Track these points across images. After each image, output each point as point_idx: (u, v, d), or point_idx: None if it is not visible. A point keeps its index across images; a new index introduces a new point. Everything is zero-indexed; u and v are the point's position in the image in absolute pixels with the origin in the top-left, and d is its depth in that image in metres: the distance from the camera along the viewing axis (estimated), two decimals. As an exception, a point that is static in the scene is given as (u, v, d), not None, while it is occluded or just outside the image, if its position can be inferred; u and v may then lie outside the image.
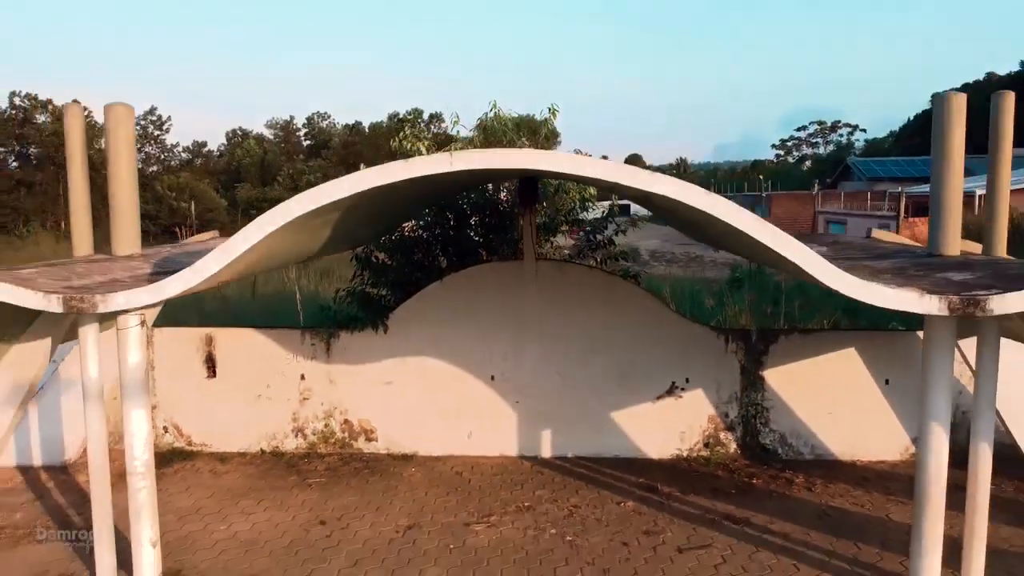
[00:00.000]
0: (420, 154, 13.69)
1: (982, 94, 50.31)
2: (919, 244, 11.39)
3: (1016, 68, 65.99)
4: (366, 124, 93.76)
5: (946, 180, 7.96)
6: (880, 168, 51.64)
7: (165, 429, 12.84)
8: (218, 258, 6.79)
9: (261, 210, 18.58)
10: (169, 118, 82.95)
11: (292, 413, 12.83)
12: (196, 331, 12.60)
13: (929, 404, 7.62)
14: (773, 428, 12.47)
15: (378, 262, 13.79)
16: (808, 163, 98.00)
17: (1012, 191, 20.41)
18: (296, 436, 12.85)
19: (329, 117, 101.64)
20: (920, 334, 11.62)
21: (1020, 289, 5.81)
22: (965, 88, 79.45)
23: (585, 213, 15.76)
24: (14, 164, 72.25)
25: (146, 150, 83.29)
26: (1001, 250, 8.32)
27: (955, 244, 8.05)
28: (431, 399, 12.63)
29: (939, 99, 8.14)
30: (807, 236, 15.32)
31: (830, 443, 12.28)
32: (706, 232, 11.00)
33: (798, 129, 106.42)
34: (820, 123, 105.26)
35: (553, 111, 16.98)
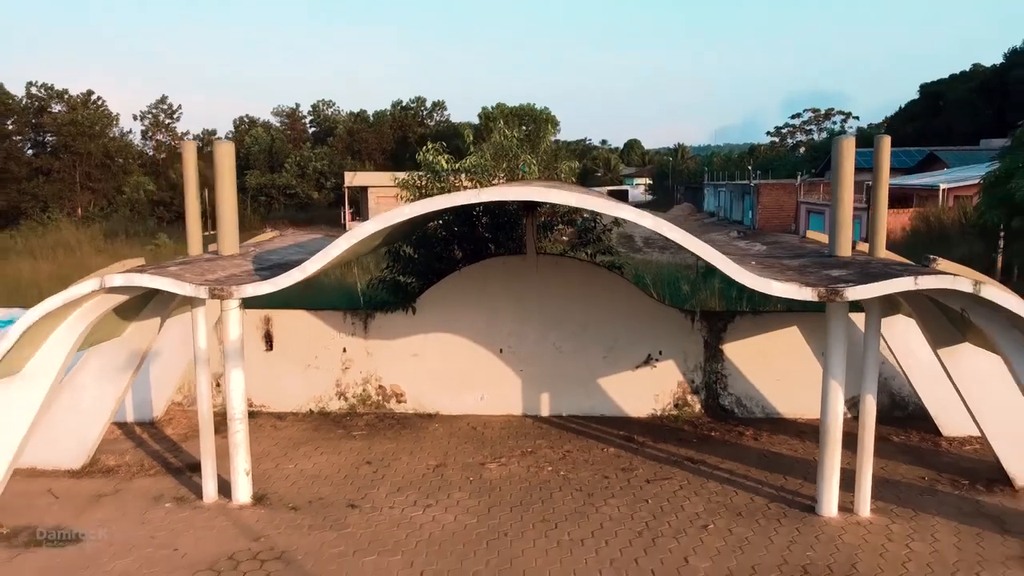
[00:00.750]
0: (441, 166, 16.37)
1: (967, 85, 53.02)
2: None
3: (1000, 60, 68.17)
4: (370, 111, 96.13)
5: (841, 202, 10.65)
6: (862, 159, 53.63)
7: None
8: (318, 260, 9.48)
9: (269, 196, 20.77)
10: (180, 107, 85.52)
11: (336, 380, 15.56)
12: (256, 312, 15.26)
13: (830, 365, 10.36)
14: (730, 392, 15.21)
15: (406, 256, 16.46)
16: (802, 150, 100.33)
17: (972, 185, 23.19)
18: (339, 399, 15.59)
19: (334, 105, 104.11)
20: (852, 315, 14.30)
21: (866, 283, 8.51)
22: (952, 79, 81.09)
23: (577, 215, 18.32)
24: (30, 152, 74.57)
25: (157, 138, 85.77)
26: (882, 252, 10.96)
27: (846, 248, 10.74)
28: (450, 368, 15.36)
29: (836, 140, 10.79)
30: (757, 235, 17.98)
31: (777, 404, 15.02)
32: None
33: (793, 116, 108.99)
34: (814, 110, 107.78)
35: (550, 118, 19.49)
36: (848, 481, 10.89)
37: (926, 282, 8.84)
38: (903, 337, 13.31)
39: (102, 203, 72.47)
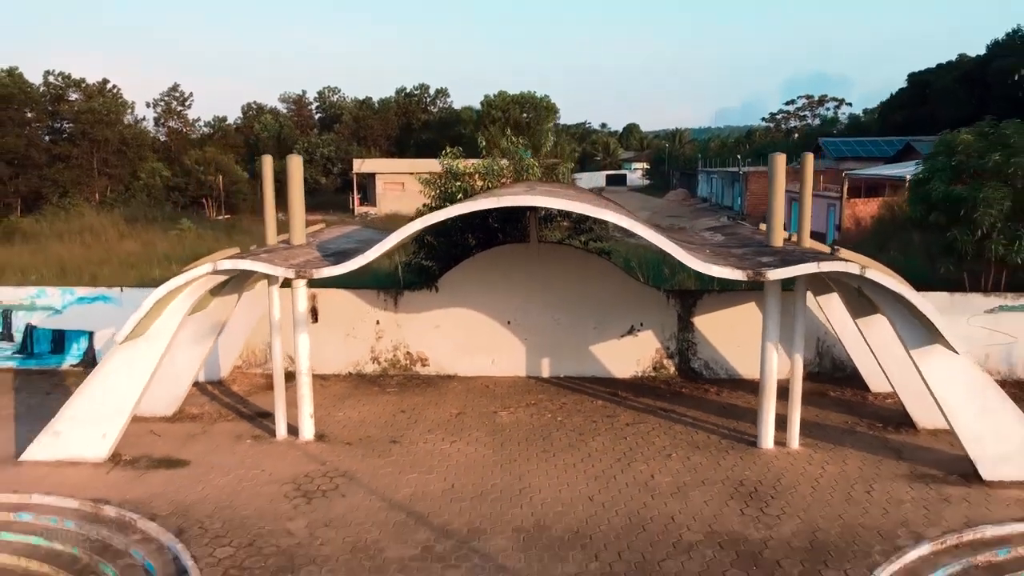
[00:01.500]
0: (460, 169, 19.37)
1: (952, 75, 55.89)
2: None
3: (982, 52, 70.71)
4: (375, 98, 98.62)
5: (775, 204, 13.64)
6: (846, 148, 56.98)
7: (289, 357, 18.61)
8: (377, 250, 12.49)
9: (280, 181, 25.71)
10: (191, 94, 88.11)
11: (370, 347, 18.61)
12: (305, 290, 18.24)
13: (766, 331, 13.40)
14: (699, 357, 18.27)
15: (429, 243, 19.44)
16: (796, 135, 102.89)
17: None
18: (373, 363, 18.65)
19: (339, 91, 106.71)
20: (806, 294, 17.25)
21: (783, 267, 11.55)
22: (939, 68, 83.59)
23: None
24: (47, 138, 76.99)
25: (169, 124, 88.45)
26: (806, 243, 13.91)
27: (779, 240, 13.75)
28: (466, 337, 18.39)
29: (772, 157, 13.74)
30: (719, 228, 20.99)
31: (738, 367, 18.06)
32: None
33: (787, 102, 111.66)
34: (808, 96, 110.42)
35: (550, 105, 22.42)
36: (786, 423, 13.97)
37: (826, 266, 11.88)
38: (838, 312, 16.28)
39: (118, 188, 75.13)
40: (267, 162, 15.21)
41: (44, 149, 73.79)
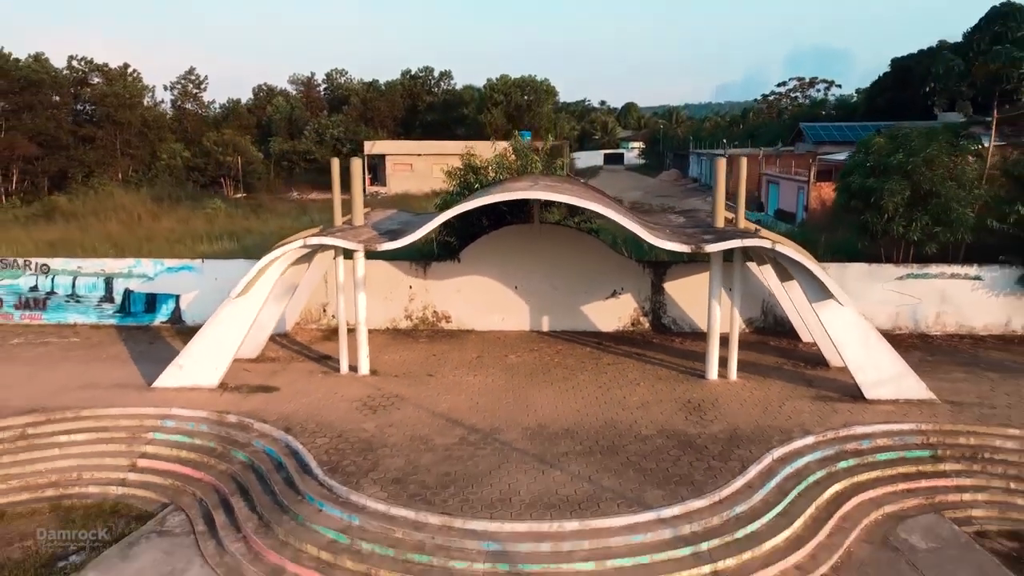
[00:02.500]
0: (477, 163, 23.74)
1: (930, 60, 59.72)
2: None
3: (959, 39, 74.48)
4: (381, 80, 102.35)
5: (717, 195, 18.05)
6: (824, 132, 61.02)
7: (334, 315, 23.14)
8: (425, 229, 16.92)
9: (291, 161, 29.60)
10: (206, 77, 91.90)
11: (404, 307, 23.10)
12: (363, 260, 22.67)
13: (710, 291, 17.89)
14: (668, 314, 22.78)
15: (451, 224, 23.81)
16: (787, 116, 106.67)
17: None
18: (406, 320, 23.15)
19: (346, 73, 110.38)
20: (749, 264, 21.66)
21: (717, 242, 16.01)
22: (919, 54, 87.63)
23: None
24: (71, 120, 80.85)
25: (186, 106, 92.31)
26: (741, 224, 18.29)
27: (720, 221, 18.19)
28: (482, 299, 22.87)
29: (714, 159, 18.12)
30: (683, 212, 25.43)
31: (698, 322, 22.52)
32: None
33: (779, 84, 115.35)
34: (800, 79, 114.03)
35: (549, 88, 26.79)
36: (732, 365, 18.51)
37: (748, 242, 16.36)
38: (775, 279, 20.74)
39: (140, 168, 79.30)
40: (335, 164, 19.60)
41: (69, 131, 77.78)
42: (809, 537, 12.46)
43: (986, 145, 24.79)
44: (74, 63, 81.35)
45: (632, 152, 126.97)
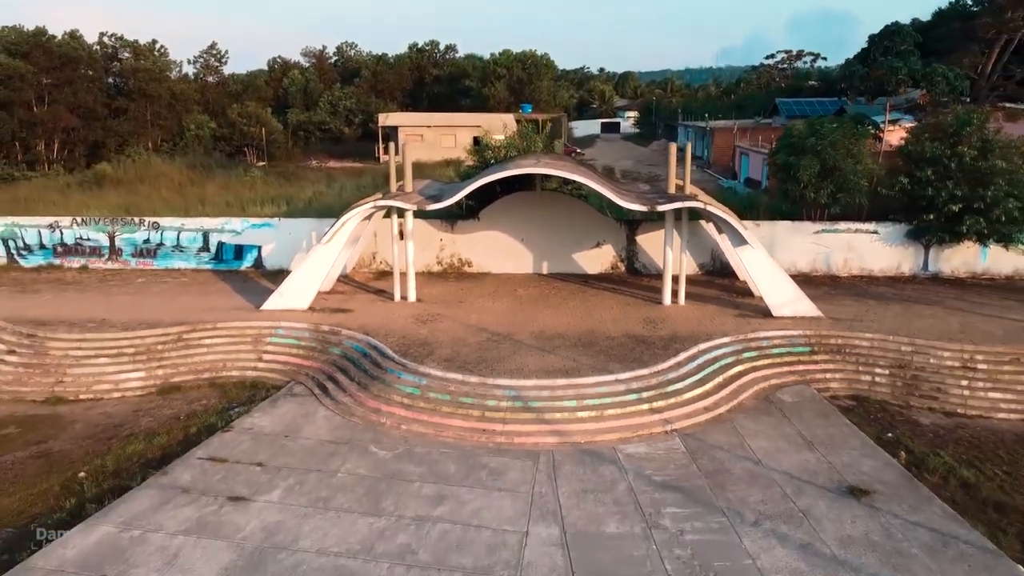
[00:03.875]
0: (491, 144, 30.36)
1: (892, 39, 64.68)
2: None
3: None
4: (390, 53, 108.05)
5: (669, 170, 24.76)
6: (796, 108, 67.08)
7: (382, 261, 29.94)
8: (460, 194, 23.67)
9: (308, 131, 37.77)
10: (226, 51, 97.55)
11: (436, 255, 29.92)
12: (395, 219, 29.41)
13: (666, 242, 24.74)
14: (640, 260, 29.61)
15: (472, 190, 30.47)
16: (774, 86, 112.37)
17: (888, 130, 36.69)
18: (437, 265, 29.98)
19: (356, 46, 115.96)
20: (701, 222, 28.34)
21: (665, 204, 22.82)
22: (895, 27, 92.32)
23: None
24: (104, 93, 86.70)
25: (208, 79, 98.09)
26: (688, 190, 24.95)
27: (672, 188, 24.90)
28: (496, 248, 29.66)
29: (668, 144, 24.79)
30: (649, 181, 32.09)
31: (662, 266, 29.34)
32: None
33: (767, 57, 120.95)
34: (787, 51, 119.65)
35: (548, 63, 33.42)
36: (678, 293, 25.39)
37: (686, 204, 23.11)
38: (716, 231, 27.49)
39: (169, 138, 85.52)
40: (391, 147, 26.23)
41: (103, 104, 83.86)
42: (715, 393, 19.43)
43: (883, 129, 31.44)
44: (104, 39, 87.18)
45: (628, 121, 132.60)
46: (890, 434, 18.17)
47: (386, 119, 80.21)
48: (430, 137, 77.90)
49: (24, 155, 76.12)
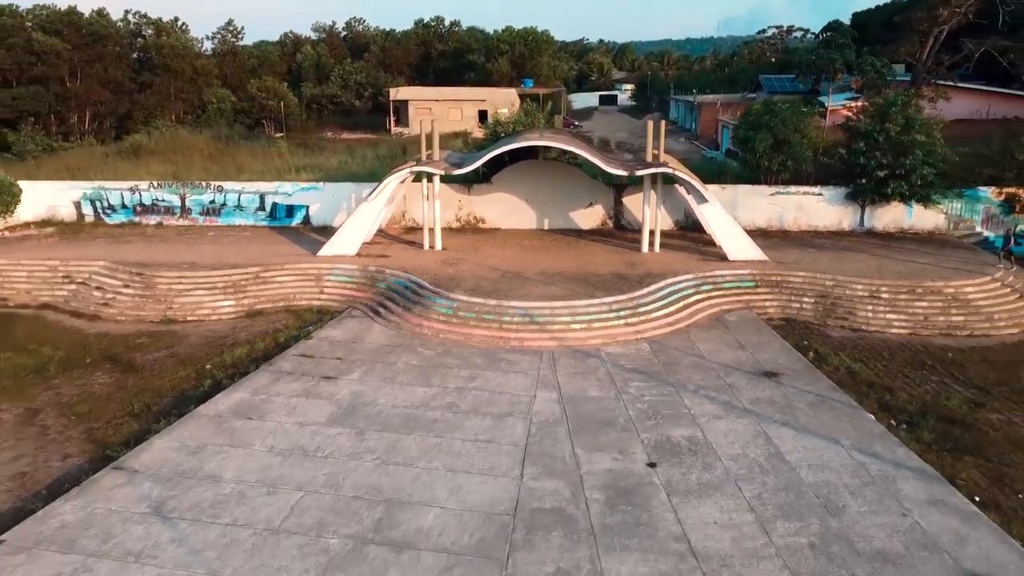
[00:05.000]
0: (502, 118, 36.14)
1: (879, 18, 72.58)
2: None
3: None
4: (397, 29, 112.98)
5: (648, 141, 30.60)
6: (777, 84, 72.41)
7: (410, 219, 35.89)
8: (479, 162, 29.55)
9: (321, 104, 44.51)
10: (243, 28, 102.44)
11: (455, 213, 35.86)
12: (424, 182, 35.20)
13: (644, 200, 30.74)
14: (626, 219, 35.58)
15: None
16: (766, 60, 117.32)
17: (831, 110, 43.13)
18: (456, 222, 35.93)
19: (364, 22, 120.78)
20: (676, 186, 34.15)
21: (642, 170, 28.74)
22: (874, 10, 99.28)
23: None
24: (131, 68, 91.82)
25: (225, 55, 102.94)
26: (663, 159, 30.73)
27: (650, 156, 30.74)
28: (505, 208, 35.60)
29: (647, 122, 30.60)
30: (632, 151, 37.95)
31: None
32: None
33: (759, 32, 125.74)
34: (778, 27, 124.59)
35: (548, 39, 39.39)
36: (654, 243, 31.39)
37: (658, 169, 29.02)
38: (685, 192, 33.36)
39: (191, 111, 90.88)
40: (436, 124, 32.02)
41: (131, 79, 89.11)
42: (676, 314, 25.51)
43: (827, 108, 37.25)
44: (129, 16, 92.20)
45: (625, 94, 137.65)
46: (805, 342, 24.26)
47: (397, 93, 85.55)
48: (438, 110, 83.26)
49: (59, 127, 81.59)
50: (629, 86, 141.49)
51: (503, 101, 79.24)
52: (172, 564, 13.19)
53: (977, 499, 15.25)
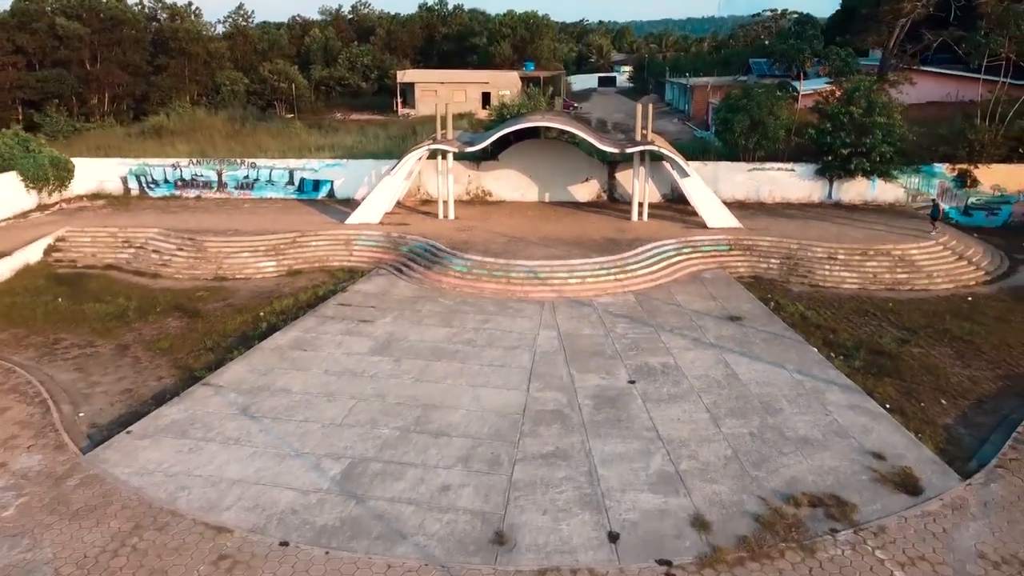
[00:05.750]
0: (508, 101, 40.09)
1: (868, 3, 75.04)
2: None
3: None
4: (400, 13, 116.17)
5: (637, 122, 34.58)
6: (767, 67, 76.07)
7: (424, 192, 39.95)
8: (488, 141, 33.59)
9: (329, 87, 48.62)
10: (252, 12, 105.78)
11: (465, 188, 39.91)
12: (439, 159, 39.11)
13: (634, 175, 34.84)
14: (618, 192, 39.63)
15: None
16: (761, 42, 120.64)
17: (804, 94, 47.38)
18: (467, 195, 39.98)
19: (369, 5, 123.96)
20: (664, 163, 38.13)
21: (632, 147, 32.81)
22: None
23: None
24: (144, 52, 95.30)
25: (236, 38, 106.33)
26: (651, 137, 34.66)
27: (639, 135, 34.74)
28: (510, 183, 39.65)
29: (636, 106, 34.57)
30: (624, 131, 41.90)
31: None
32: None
33: (754, 15, 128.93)
34: (772, 10, 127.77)
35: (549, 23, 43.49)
36: (642, 212, 35.49)
37: (647, 147, 33.03)
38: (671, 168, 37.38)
39: (205, 93, 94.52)
40: (442, 106, 35.98)
41: (146, 62, 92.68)
42: (659, 272, 29.65)
43: (799, 92, 41.18)
44: (144, 1, 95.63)
45: (623, 75, 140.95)
46: (768, 295, 28.40)
47: (404, 76, 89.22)
48: (443, 93, 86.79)
49: (80, 108, 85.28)
50: (627, 68, 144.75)
51: (505, 84, 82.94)
52: (263, 445, 17.42)
53: (887, 406, 19.45)
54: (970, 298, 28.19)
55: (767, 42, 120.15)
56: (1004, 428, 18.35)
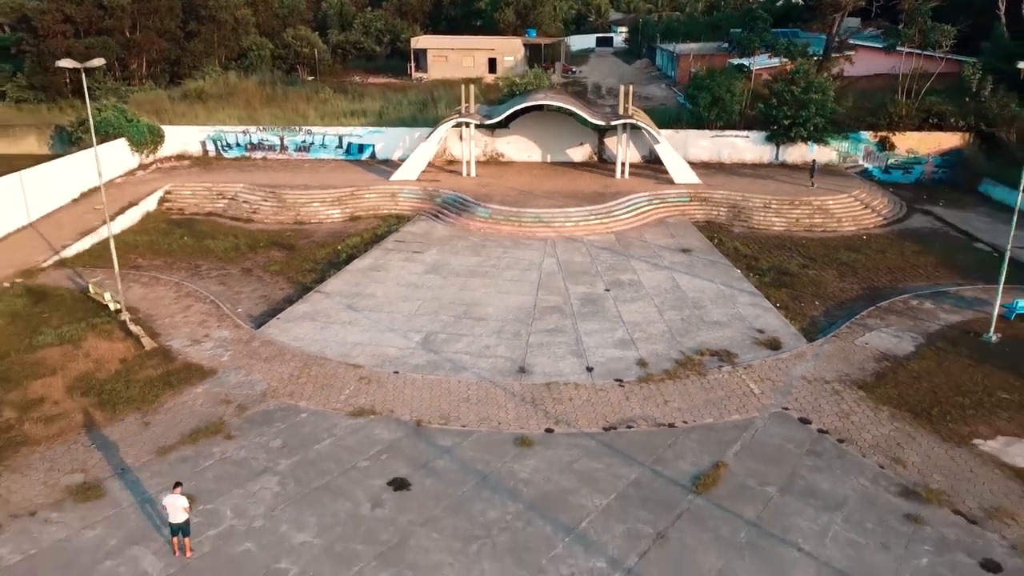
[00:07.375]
0: (517, 81, 49.18)
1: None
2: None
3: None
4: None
5: (620, 98, 43.73)
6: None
7: (450, 155, 49.24)
8: (504, 114, 42.79)
9: (346, 51, 58.45)
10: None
11: (483, 151, 49.17)
12: (464, 128, 48.19)
13: (618, 142, 44.21)
14: (607, 154, 48.92)
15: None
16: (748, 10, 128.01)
17: (761, 68, 56.26)
18: (484, 156, 49.24)
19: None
20: (643, 131, 47.24)
21: (614, 120, 42.07)
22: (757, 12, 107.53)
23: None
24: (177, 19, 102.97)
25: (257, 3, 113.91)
26: (632, 111, 43.68)
27: (622, 110, 43.88)
28: (519, 146, 48.92)
29: (619, 88, 43.70)
30: (611, 105, 51.02)
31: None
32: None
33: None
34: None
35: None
36: (625, 170, 44.89)
37: (626, 120, 42.26)
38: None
39: (233, 57, 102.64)
40: (451, 71, 45.06)
41: (179, 28, 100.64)
42: (634, 218, 39.19)
43: (753, 71, 50.23)
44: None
45: (620, 36, 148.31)
46: (714, 235, 37.93)
47: (416, 42, 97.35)
48: (453, 58, 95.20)
49: (122, 72, 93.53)
50: (624, 29, 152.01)
51: (510, 50, 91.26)
52: (368, 325, 27.17)
53: (777, 305, 29.18)
54: (864, 237, 37.81)
55: (754, 5, 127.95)
56: (846, 316, 28.11)
